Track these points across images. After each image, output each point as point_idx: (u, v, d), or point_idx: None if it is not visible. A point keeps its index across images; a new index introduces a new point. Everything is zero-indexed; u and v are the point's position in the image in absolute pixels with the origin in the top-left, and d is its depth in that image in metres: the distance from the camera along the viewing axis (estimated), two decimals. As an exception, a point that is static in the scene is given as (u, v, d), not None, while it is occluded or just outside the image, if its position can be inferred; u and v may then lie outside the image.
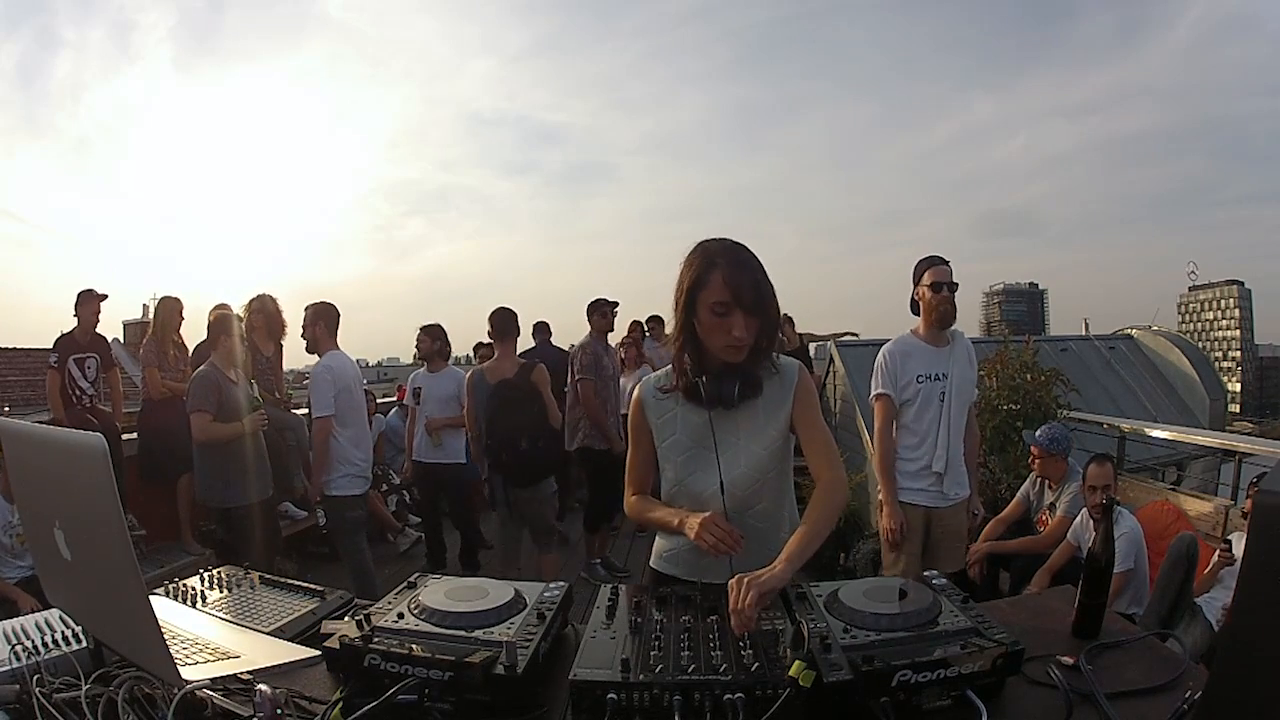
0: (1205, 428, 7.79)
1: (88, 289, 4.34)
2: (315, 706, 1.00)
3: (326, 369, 3.47)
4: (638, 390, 1.57)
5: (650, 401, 1.54)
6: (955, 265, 2.74)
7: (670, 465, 1.54)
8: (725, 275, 1.35)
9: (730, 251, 1.39)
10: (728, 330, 1.36)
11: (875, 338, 5.35)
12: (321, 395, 3.42)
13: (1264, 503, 0.65)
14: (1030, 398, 4.66)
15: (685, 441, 1.51)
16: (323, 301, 3.58)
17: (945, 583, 1.23)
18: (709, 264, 1.38)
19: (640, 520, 1.58)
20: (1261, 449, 3.95)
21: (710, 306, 1.37)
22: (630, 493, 1.60)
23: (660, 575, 1.59)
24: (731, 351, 1.39)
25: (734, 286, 1.35)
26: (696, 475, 1.50)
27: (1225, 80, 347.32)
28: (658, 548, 1.64)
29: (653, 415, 1.54)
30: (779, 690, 0.94)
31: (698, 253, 1.41)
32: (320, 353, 3.54)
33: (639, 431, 1.56)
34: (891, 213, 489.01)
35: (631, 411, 1.58)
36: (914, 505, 2.76)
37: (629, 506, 1.61)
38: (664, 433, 1.53)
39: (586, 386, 4.38)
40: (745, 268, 1.37)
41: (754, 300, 1.36)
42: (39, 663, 1.07)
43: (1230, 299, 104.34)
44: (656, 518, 1.52)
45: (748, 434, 1.49)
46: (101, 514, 0.97)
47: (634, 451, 1.59)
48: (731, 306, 1.35)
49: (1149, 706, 1.01)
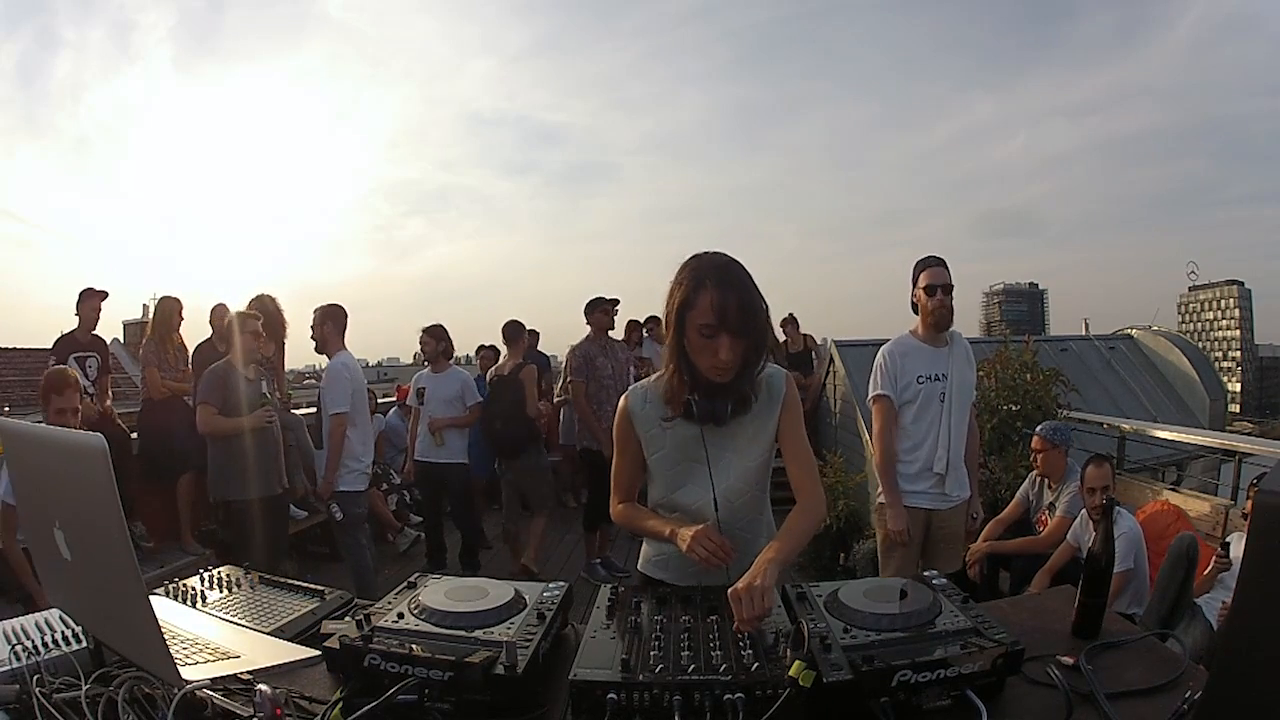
0: (1205, 428, 7.80)
1: (88, 287, 4.34)
2: (315, 706, 1.00)
3: (344, 366, 3.59)
4: (624, 400, 1.54)
5: (638, 413, 1.51)
6: (955, 265, 2.73)
7: (659, 479, 1.53)
8: (713, 297, 1.33)
9: (719, 270, 1.36)
10: (714, 352, 1.35)
11: (875, 337, 5.35)
12: (339, 392, 3.53)
13: (1264, 503, 0.65)
14: (1030, 398, 4.67)
15: (675, 455, 1.50)
16: (332, 303, 3.67)
17: (945, 583, 1.23)
18: (697, 284, 1.35)
19: (629, 527, 1.58)
20: (1261, 449, 3.94)
21: (698, 328, 1.35)
22: (616, 500, 1.59)
23: (649, 579, 1.58)
24: (717, 373, 1.37)
25: (720, 309, 1.32)
26: (686, 489, 1.50)
27: (1225, 80, 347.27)
28: (645, 553, 1.64)
29: (641, 427, 1.52)
30: (779, 690, 0.94)
31: (687, 271, 1.38)
32: (329, 353, 3.63)
33: (625, 440, 1.54)
34: (891, 213, 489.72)
35: (618, 421, 1.55)
36: (914, 507, 2.75)
37: (616, 514, 1.59)
38: (653, 446, 1.51)
39: (576, 388, 4.44)
40: (733, 288, 1.33)
41: (740, 323, 1.33)
42: (39, 663, 1.07)
43: (1230, 299, 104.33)
44: (647, 526, 1.51)
45: (737, 448, 1.49)
46: (101, 514, 0.96)
47: (620, 460, 1.57)
48: (718, 329, 1.33)
49: (1149, 706, 1.01)
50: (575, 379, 4.44)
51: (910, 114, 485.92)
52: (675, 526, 1.41)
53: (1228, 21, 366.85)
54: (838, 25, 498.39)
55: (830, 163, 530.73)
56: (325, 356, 3.69)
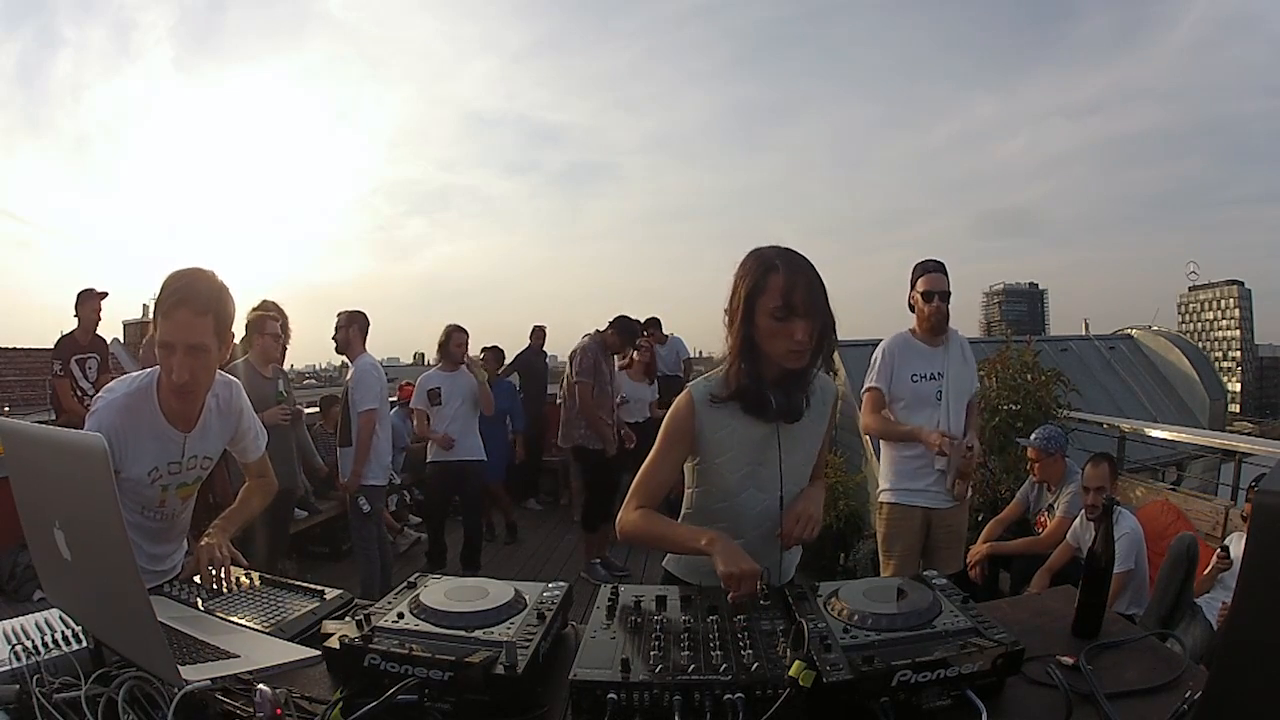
0: (1205, 428, 7.80)
1: (87, 288, 4.34)
2: (315, 706, 1.00)
3: (372, 366, 3.83)
4: (688, 395, 1.44)
5: (703, 410, 1.42)
6: (955, 265, 2.73)
7: (720, 483, 1.45)
8: (783, 280, 1.33)
9: (785, 254, 1.37)
10: (790, 334, 1.32)
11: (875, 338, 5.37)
12: (370, 390, 3.75)
13: (1264, 503, 0.65)
14: (1031, 398, 4.67)
15: (743, 457, 1.43)
16: (357, 309, 3.89)
17: (945, 583, 1.23)
18: (766, 269, 1.34)
19: (643, 538, 1.44)
20: (1261, 449, 3.95)
21: (770, 311, 1.33)
22: (634, 505, 1.46)
23: (672, 577, 1.52)
24: (794, 357, 1.34)
25: (789, 290, 1.32)
26: (750, 492, 1.45)
27: (1225, 80, 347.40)
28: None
29: (708, 426, 1.42)
30: (779, 690, 0.94)
31: (752, 260, 1.38)
32: (351, 355, 3.84)
33: (680, 440, 1.44)
34: (892, 213, 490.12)
35: (677, 420, 1.44)
36: (913, 506, 2.75)
37: (630, 521, 1.45)
38: (720, 448, 1.43)
39: (584, 389, 4.43)
40: (800, 270, 1.34)
41: (810, 303, 1.33)
42: (39, 663, 1.07)
43: (1230, 299, 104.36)
44: (674, 535, 1.43)
45: (801, 448, 1.48)
46: (101, 514, 0.96)
47: (660, 460, 1.46)
48: (792, 310, 1.32)
49: (1149, 706, 1.01)
50: (582, 380, 4.43)
51: (911, 114, 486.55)
52: (713, 538, 1.31)
53: (1228, 21, 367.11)
54: (838, 25, 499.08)
55: (831, 163, 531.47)
56: (346, 358, 3.90)
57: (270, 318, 3.55)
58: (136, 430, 1.53)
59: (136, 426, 1.53)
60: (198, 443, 1.62)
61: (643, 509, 1.46)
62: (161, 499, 1.61)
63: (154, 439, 1.55)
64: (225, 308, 1.52)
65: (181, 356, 1.45)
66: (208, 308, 1.47)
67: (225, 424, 1.69)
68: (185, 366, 1.45)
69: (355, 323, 3.82)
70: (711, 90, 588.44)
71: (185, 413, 1.59)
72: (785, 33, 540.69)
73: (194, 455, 1.62)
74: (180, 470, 1.61)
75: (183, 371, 1.46)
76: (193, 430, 1.61)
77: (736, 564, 1.24)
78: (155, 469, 1.56)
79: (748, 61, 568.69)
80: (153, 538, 1.66)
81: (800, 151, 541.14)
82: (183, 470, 1.61)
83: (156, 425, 1.55)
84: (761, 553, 1.36)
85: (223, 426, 1.69)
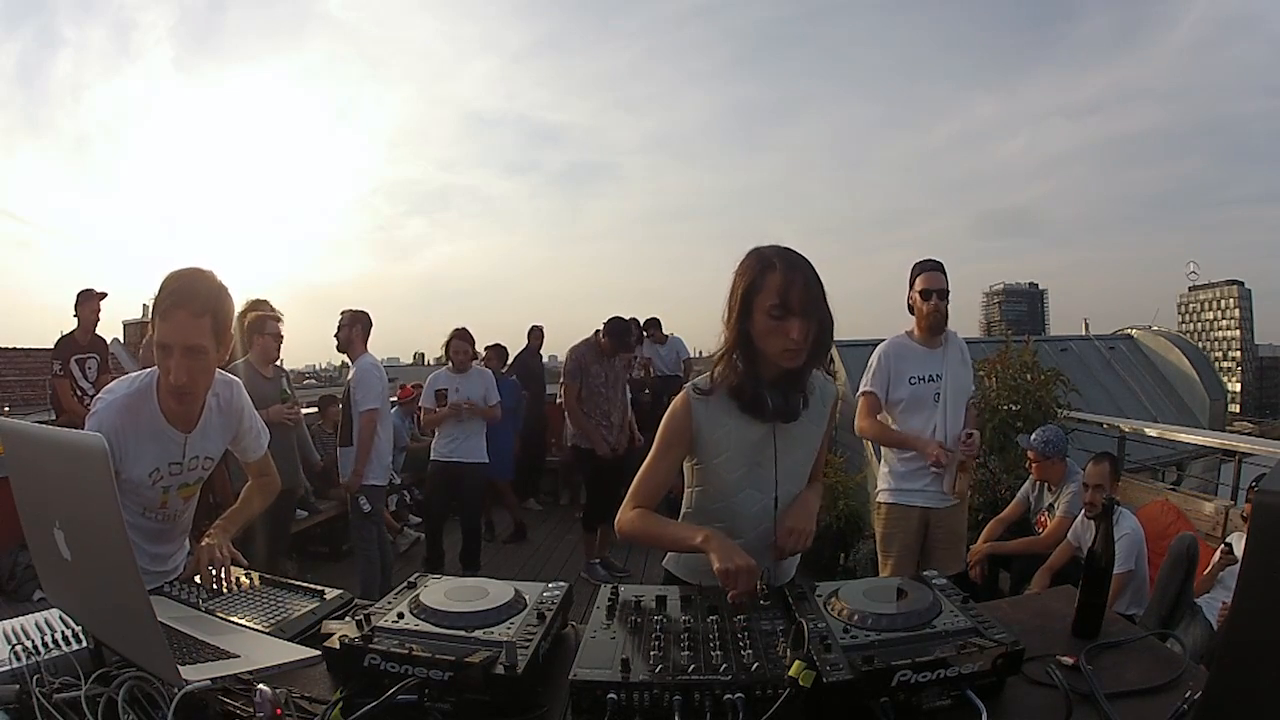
0: (1205, 428, 7.80)
1: (87, 288, 4.34)
2: (315, 706, 1.00)
3: (374, 366, 3.83)
4: (685, 398, 1.45)
5: (700, 410, 1.43)
6: (955, 265, 2.73)
7: (717, 483, 1.46)
8: (780, 278, 1.33)
9: (783, 253, 1.37)
10: (786, 333, 1.32)
11: (875, 338, 5.37)
12: (372, 389, 3.74)
13: (1264, 503, 0.65)
14: (1031, 398, 4.66)
15: (740, 458, 1.44)
16: (360, 309, 3.89)
17: (945, 583, 1.23)
18: (764, 267, 1.35)
19: (641, 537, 1.45)
20: (1261, 449, 3.95)
21: (767, 310, 1.34)
22: (632, 505, 1.47)
23: (672, 576, 1.53)
24: (790, 356, 1.35)
25: (787, 288, 1.32)
26: (747, 493, 1.45)
27: (1225, 80, 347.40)
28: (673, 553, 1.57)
29: (705, 426, 1.43)
30: (779, 690, 0.94)
31: (751, 258, 1.38)
32: (352, 355, 3.84)
33: (677, 441, 1.45)
34: (892, 213, 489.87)
35: (675, 420, 1.44)
36: (911, 506, 2.75)
37: (628, 521, 1.46)
38: (718, 448, 1.44)
39: (567, 390, 4.52)
40: (798, 269, 1.35)
41: (807, 302, 1.33)
42: (39, 663, 1.06)
43: (1230, 299, 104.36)
44: (669, 534, 1.44)
45: (798, 449, 1.47)
46: (101, 514, 0.96)
47: (658, 462, 1.47)
48: (788, 309, 1.32)
49: (1149, 706, 1.01)
50: (565, 381, 4.53)
51: (911, 114, 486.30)
52: (708, 535, 1.32)
53: (1228, 21, 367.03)
54: (838, 25, 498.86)
55: (831, 163, 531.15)
56: (347, 357, 3.90)
57: (271, 317, 3.56)
58: (137, 431, 1.52)
59: (137, 427, 1.52)
60: (199, 443, 1.62)
61: (640, 508, 1.47)
62: (163, 500, 1.61)
63: (154, 439, 1.55)
64: (223, 309, 1.51)
65: (179, 358, 1.44)
66: (205, 309, 1.46)
67: (226, 424, 1.69)
68: (183, 368, 1.45)
69: (359, 322, 3.83)
70: (711, 90, 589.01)
71: (185, 413, 1.58)
72: (785, 33, 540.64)
73: (195, 455, 1.62)
74: (181, 471, 1.60)
75: (180, 373, 1.45)
76: (193, 430, 1.60)
77: (733, 560, 1.24)
78: (156, 469, 1.56)
79: (748, 61, 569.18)
80: (154, 538, 1.66)
81: (800, 151, 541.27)
82: (184, 471, 1.61)
83: (157, 426, 1.55)
84: (760, 552, 1.36)
85: (224, 426, 1.68)
